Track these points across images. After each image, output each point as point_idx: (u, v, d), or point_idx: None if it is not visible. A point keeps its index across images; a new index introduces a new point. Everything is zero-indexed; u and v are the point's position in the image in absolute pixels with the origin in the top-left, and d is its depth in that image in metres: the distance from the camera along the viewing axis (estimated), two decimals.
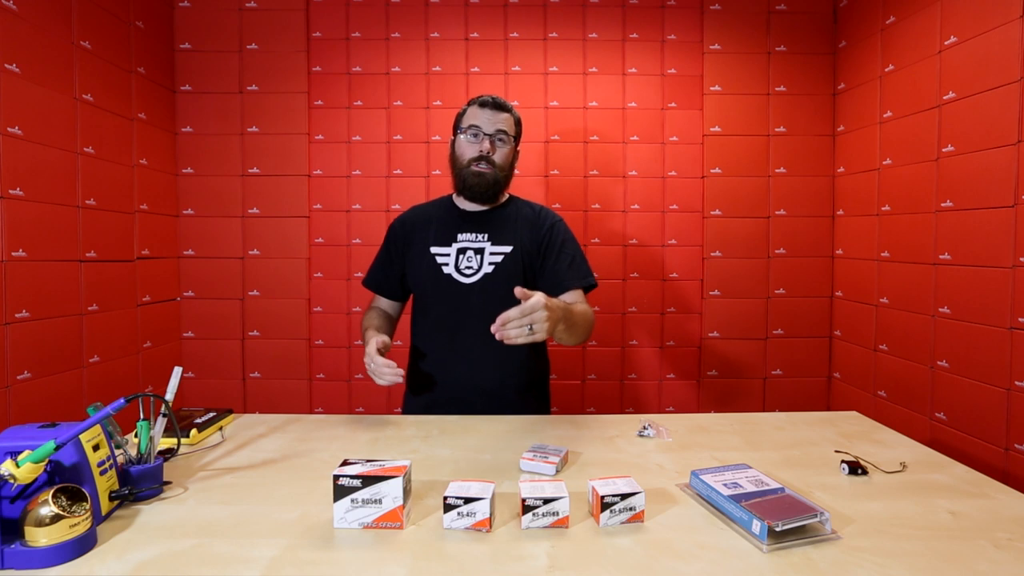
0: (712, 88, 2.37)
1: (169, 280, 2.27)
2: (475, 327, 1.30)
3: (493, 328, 1.00)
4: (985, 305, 1.61)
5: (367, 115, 2.37)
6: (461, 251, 1.35)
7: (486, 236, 1.36)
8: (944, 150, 1.77)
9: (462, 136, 1.35)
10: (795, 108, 2.37)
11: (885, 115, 2.05)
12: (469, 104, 1.37)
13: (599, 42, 2.38)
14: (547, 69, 2.37)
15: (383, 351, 1.23)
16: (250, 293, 2.36)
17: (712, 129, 2.38)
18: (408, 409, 1.43)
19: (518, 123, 1.39)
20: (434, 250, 1.36)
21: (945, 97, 1.77)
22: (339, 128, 2.37)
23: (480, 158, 1.32)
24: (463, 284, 1.33)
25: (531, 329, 1.00)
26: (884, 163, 2.06)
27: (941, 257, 1.78)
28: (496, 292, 1.29)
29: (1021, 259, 1.51)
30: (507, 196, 1.43)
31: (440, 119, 2.36)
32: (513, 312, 0.99)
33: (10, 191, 1.54)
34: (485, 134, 1.32)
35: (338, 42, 2.36)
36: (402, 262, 1.41)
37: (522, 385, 1.38)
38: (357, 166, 2.37)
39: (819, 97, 2.38)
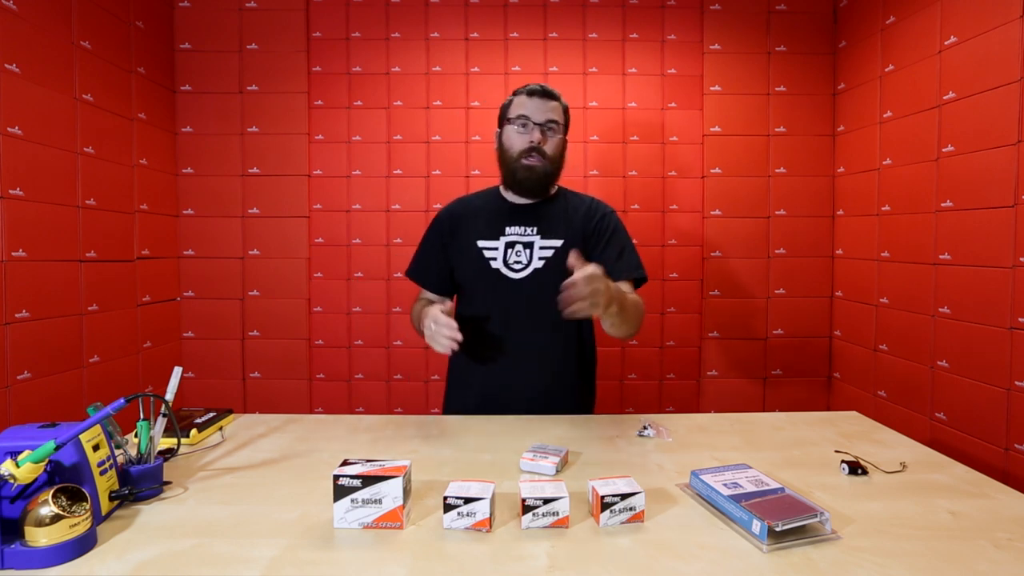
0: (712, 88, 2.37)
1: (169, 280, 2.27)
2: (525, 323, 1.27)
3: (562, 297, 1.00)
4: (985, 305, 1.61)
5: (367, 115, 2.37)
6: (509, 245, 1.30)
7: (535, 230, 1.31)
8: (944, 150, 1.77)
9: (510, 127, 1.29)
10: (795, 108, 2.37)
11: (885, 115, 2.05)
12: (515, 94, 1.31)
13: (599, 42, 2.38)
14: (547, 69, 2.37)
15: (447, 314, 1.13)
16: (250, 293, 2.36)
17: (712, 129, 2.37)
18: (451, 409, 1.38)
19: (566, 111, 1.33)
20: (481, 244, 1.31)
21: (945, 97, 1.77)
22: (339, 128, 2.37)
23: (531, 150, 1.26)
24: (512, 279, 1.29)
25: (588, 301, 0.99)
26: (884, 163, 2.06)
27: (941, 257, 1.78)
28: (546, 287, 1.21)
29: (1021, 259, 1.51)
30: (556, 188, 1.38)
31: (440, 119, 2.36)
32: (578, 277, 0.98)
33: (10, 191, 1.54)
34: (535, 124, 1.26)
35: (338, 42, 2.36)
36: (447, 255, 1.36)
37: (571, 380, 1.35)
38: (357, 166, 2.37)
39: (819, 97, 2.38)
